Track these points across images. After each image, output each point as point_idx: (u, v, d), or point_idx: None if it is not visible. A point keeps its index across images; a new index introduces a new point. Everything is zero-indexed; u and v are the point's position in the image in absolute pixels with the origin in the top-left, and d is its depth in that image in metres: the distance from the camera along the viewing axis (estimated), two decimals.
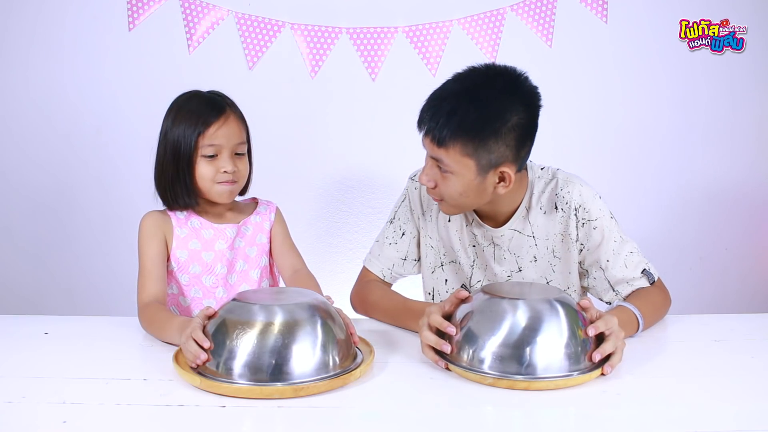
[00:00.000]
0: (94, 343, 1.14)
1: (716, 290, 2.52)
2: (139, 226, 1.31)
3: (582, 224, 1.28)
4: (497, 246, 1.32)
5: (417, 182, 1.40)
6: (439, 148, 1.15)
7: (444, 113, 1.13)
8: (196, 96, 1.31)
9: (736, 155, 2.47)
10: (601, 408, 0.89)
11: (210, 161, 1.27)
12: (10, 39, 2.32)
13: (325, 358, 0.93)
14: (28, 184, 2.39)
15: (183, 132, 1.25)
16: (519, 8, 2.33)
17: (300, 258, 1.42)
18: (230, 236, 1.35)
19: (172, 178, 1.27)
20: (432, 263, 1.39)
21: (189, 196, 1.29)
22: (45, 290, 2.45)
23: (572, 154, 2.35)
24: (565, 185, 1.29)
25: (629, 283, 1.27)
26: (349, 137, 2.41)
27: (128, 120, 2.35)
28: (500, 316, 0.97)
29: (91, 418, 0.84)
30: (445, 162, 1.16)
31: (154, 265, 1.27)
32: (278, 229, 1.42)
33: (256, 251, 1.39)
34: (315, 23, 2.32)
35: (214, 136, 1.25)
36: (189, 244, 1.32)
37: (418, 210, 1.39)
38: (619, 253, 1.27)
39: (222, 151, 1.27)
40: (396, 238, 1.39)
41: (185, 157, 1.26)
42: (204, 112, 1.26)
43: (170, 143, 1.27)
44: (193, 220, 1.33)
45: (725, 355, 1.10)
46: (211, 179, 1.27)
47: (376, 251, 1.41)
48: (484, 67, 1.18)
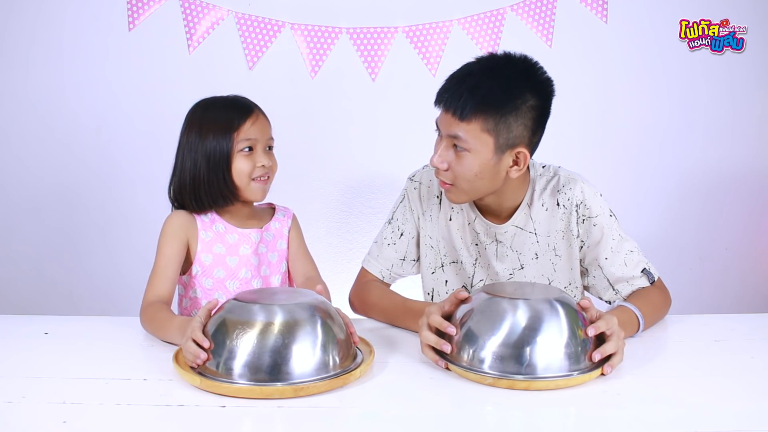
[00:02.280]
0: (94, 343, 1.14)
1: (716, 290, 2.52)
2: (163, 223, 1.30)
3: (582, 221, 1.29)
4: (500, 243, 1.33)
5: (417, 182, 1.40)
6: (461, 122, 1.15)
7: (467, 88, 1.14)
8: (215, 103, 1.32)
9: (736, 155, 2.47)
10: (601, 408, 0.89)
11: (247, 156, 1.28)
12: (10, 39, 2.32)
13: (325, 358, 0.93)
14: (28, 183, 2.39)
15: (214, 139, 1.26)
16: (519, 8, 2.33)
17: (314, 265, 1.43)
18: (255, 241, 1.35)
19: (209, 181, 1.27)
20: (432, 263, 1.39)
21: (230, 193, 1.29)
22: (46, 290, 2.45)
23: (572, 154, 2.34)
24: (567, 182, 1.30)
25: (629, 282, 1.27)
26: (349, 137, 2.41)
27: (128, 120, 2.35)
28: (500, 315, 0.97)
29: (91, 418, 0.84)
30: (463, 139, 1.16)
31: (168, 264, 1.26)
32: (294, 234, 1.43)
33: (277, 257, 1.40)
34: (315, 23, 2.32)
35: (249, 131, 1.28)
36: (214, 248, 1.31)
37: (418, 209, 1.39)
38: (618, 251, 1.28)
39: (257, 146, 1.29)
40: (395, 238, 1.39)
41: (223, 158, 1.26)
42: (233, 113, 1.28)
43: (202, 155, 1.26)
44: (217, 224, 1.33)
45: (725, 355, 1.10)
46: (248, 175, 1.28)
47: (374, 252, 1.41)
48: (503, 53, 1.21)
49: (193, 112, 1.32)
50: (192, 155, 1.28)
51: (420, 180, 1.40)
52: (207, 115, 1.29)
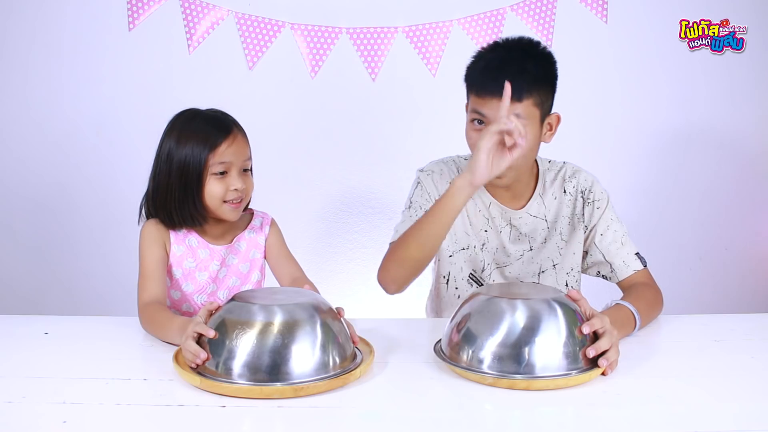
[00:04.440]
0: (94, 343, 1.14)
1: (716, 290, 2.52)
2: (140, 233, 1.31)
3: (587, 204, 1.40)
4: (514, 227, 1.41)
5: (429, 171, 1.44)
6: (519, 103, 1.23)
7: (513, 72, 1.22)
8: (198, 115, 1.30)
9: (736, 155, 2.47)
10: (601, 408, 0.89)
11: (220, 179, 1.26)
12: (10, 39, 2.32)
13: (325, 358, 0.93)
14: (28, 183, 2.40)
15: (191, 151, 1.24)
16: (519, 8, 2.33)
17: (297, 266, 1.42)
18: (224, 256, 1.36)
19: (180, 199, 1.26)
20: (449, 247, 1.43)
21: (199, 215, 1.28)
22: (45, 290, 2.45)
23: (572, 154, 2.33)
24: (573, 173, 1.43)
25: (625, 262, 1.36)
26: (349, 137, 2.41)
27: (128, 120, 2.36)
28: (499, 316, 0.97)
29: (91, 418, 0.84)
30: (521, 116, 1.23)
31: (155, 267, 1.27)
32: (273, 240, 1.42)
33: (249, 267, 1.39)
34: (315, 23, 2.32)
35: (225, 153, 1.25)
36: (184, 263, 1.32)
37: (434, 193, 1.41)
38: (616, 230, 1.39)
39: (231, 169, 1.27)
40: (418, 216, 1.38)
41: (194, 177, 1.25)
42: (212, 131, 1.26)
43: (176, 163, 1.25)
44: (191, 238, 1.33)
45: (725, 355, 1.10)
46: (220, 198, 1.27)
47: (401, 229, 1.39)
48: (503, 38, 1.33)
49: (176, 119, 1.31)
50: (167, 163, 1.27)
51: (432, 169, 1.44)
52: (189, 125, 1.28)
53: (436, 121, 2.34)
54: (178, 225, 1.30)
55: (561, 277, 1.41)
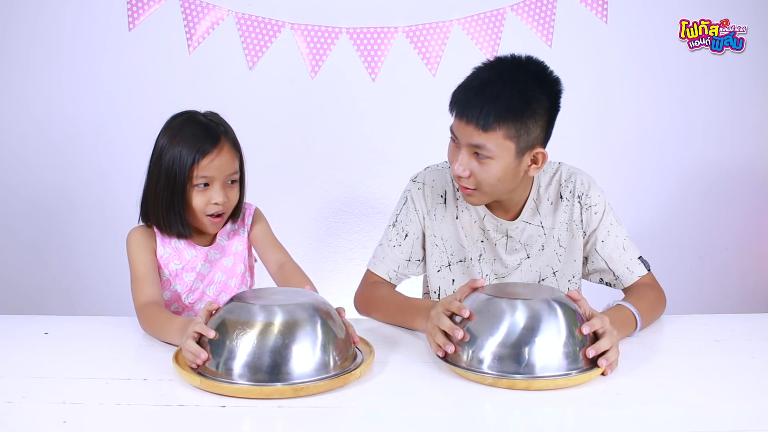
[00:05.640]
0: (93, 343, 1.14)
1: (716, 290, 2.52)
2: (127, 240, 1.31)
3: (585, 209, 1.35)
4: (510, 238, 1.37)
5: (420, 182, 1.41)
6: (485, 133, 1.17)
7: (488, 99, 1.16)
8: (194, 120, 1.29)
9: (736, 155, 2.47)
10: (601, 408, 0.89)
11: (202, 192, 1.26)
12: (10, 39, 2.32)
13: (325, 358, 0.93)
14: (27, 184, 2.40)
15: (179, 155, 1.24)
16: (519, 8, 2.33)
17: (284, 251, 1.42)
18: (208, 254, 1.37)
19: (166, 206, 1.27)
20: (437, 262, 1.40)
21: (183, 226, 1.29)
22: (45, 290, 2.45)
23: (572, 154, 2.33)
24: (569, 176, 1.37)
25: (629, 269, 1.33)
26: (349, 137, 2.41)
27: (128, 120, 2.36)
28: (499, 316, 0.97)
29: (91, 418, 0.84)
30: (487, 147, 1.18)
31: (148, 270, 1.28)
32: (258, 228, 1.42)
33: (233, 260, 1.40)
34: (315, 23, 2.32)
35: (207, 168, 1.25)
36: (170, 265, 1.33)
37: (423, 209, 1.39)
38: (617, 235, 1.34)
39: (214, 182, 1.27)
40: (399, 240, 1.39)
41: (179, 186, 1.25)
42: (200, 140, 1.25)
43: (165, 165, 1.25)
44: (176, 239, 1.34)
45: (725, 355, 1.10)
46: (201, 210, 1.27)
47: (380, 254, 1.41)
48: (509, 56, 1.23)
49: (172, 120, 1.31)
50: (158, 163, 1.27)
51: (423, 180, 1.41)
52: (183, 128, 1.27)
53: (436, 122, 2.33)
54: (167, 232, 1.31)
55: (562, 284, 1.38)
